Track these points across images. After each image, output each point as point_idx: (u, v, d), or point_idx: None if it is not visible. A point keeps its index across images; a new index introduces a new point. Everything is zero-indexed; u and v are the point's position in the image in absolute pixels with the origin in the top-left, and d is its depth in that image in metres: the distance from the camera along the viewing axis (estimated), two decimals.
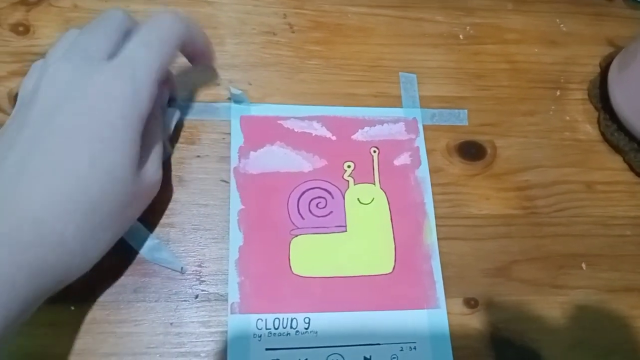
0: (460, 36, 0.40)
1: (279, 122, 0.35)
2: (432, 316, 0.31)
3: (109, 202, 0.25)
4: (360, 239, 0.33)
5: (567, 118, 0.39)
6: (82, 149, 0.24)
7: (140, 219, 0.30)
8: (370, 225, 0.33)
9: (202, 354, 0.29)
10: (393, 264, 0.32)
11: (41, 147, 0.24)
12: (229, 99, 0.35)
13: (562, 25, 0.42)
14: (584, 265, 0.34)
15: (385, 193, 0.34)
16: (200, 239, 0.31)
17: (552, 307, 0.32)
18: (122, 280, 0.30)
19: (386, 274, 0.32)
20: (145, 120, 0.26)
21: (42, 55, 0.29)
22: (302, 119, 0.35)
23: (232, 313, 0.30)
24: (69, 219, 0.24)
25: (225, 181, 0.33)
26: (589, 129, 0.39)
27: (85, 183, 0.24)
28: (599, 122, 0.39)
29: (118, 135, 0.25)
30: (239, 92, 0.34)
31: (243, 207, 0.32)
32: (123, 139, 0.25)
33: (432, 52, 0.39)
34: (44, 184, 0.23)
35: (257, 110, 0.35)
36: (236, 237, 0.32)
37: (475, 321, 0.32)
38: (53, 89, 0.25)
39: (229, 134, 0.34)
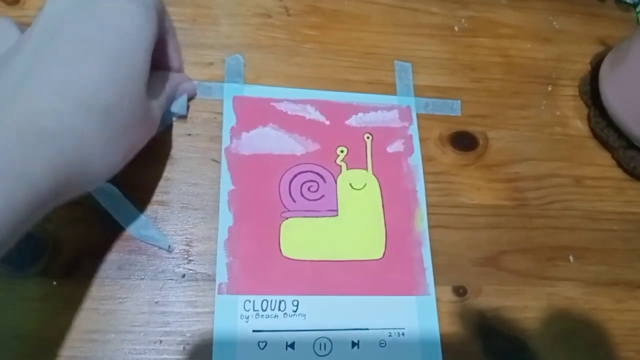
0: (455, 28, 0.40)
1: (272, 104, 0.35)
2: (421, 303, 0.31)
3: (123, 112, 0.24)
4: (351, 224, 0.32)
5: (558, 113, 0.39)
6: (96, 57, 0.23)
7: (127, 196, 0.30)
8: (362, 211, 0.33)
9: (187, 334, 0.28)
10: (383, 249, 0.32)
11: (51, 54, 0.23)
12: (224, 81, 0.34)
13: (554, 23, 0.42)
14: (571, 258, 0.34)
15: (377, 179, 0.34)
16: (189, 217, 0.31)
17: (540, 298, 0.33)
18: (107, 256, 0.29)
19: (376, 260, 0.32)
20: (153, 44, 0.26)
21: None
22: (296, 102, 0.35)
23: (219, 293, 0.29)
24: (88, 116, 0.23)
25: (216, 160, 0.32)
26: (579, 125, 0.39)
27: (100, 89, 0.23)
28: (589, 119, 0.39)
29: (133, 48, 0.24)
30: (236, 57, 0.34)
31: (234, 187, 0.32)
32: (137, 53, 0.25)
33: (427, 43, 0.39)
34: (55, 87, 0.22)
35: (251, 91, 0.35)
36: (226, 217, 0.31)
37: (463, 309, 0.31)
38: (60, 2, 0.24)
39: (221, 113, 0.34)
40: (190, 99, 0.33)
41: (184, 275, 0.29)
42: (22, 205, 0.20)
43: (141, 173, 0.31)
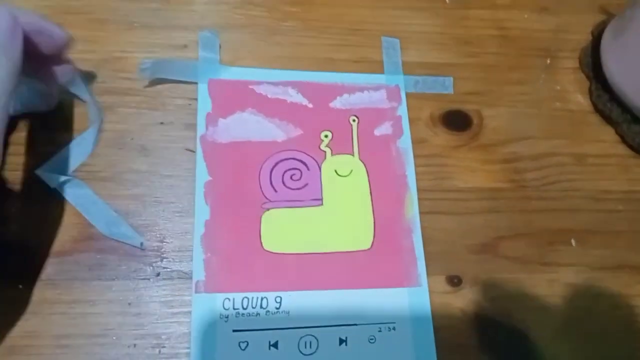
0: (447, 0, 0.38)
1: (250, 87, 0.32)
2: (413, 295, 0.29)
3: None
4: (337, 213, 0.30)
5: (558, 88, 0.37)
6: None
7: (96, 191, 0.28)
8: (348, 199, 0.31)
9: (163, 336, 0.27)
10: (372, 239, 0.30)
11: None
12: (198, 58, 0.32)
13: None
14: (573, 242, 0.32)
15: (364, 164, 0.32)
16: (163, 212, 0.29)
17: (540, 285, 0.31)
18: (76, 256, 0.27)
19: (364, 250, 0.30)
20: None
21: None
22: (276, 84, 0.33)
23: (196, 292, 0.27)
24: None
25: (191, 150, 0.30)
26: (580, 100, 0.36)
27: None
28: (590, 92, 0.36)
29: None
30: (209, 34, 0.32)
31: (210, 178, 0.30)
32: None
33: (417, 16, 0.37)
34: None
35: (227, 74, 0.32)
36: (202, 211, 0.29)
37: (458, 300, 0.30)
38: None
39: (196, 99, 0.32)
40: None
41: (158, 274, 0.28)
42: None
43: (110, 166, 0.29)
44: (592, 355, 0.30)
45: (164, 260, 0.28)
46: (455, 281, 0.30)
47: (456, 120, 0.34)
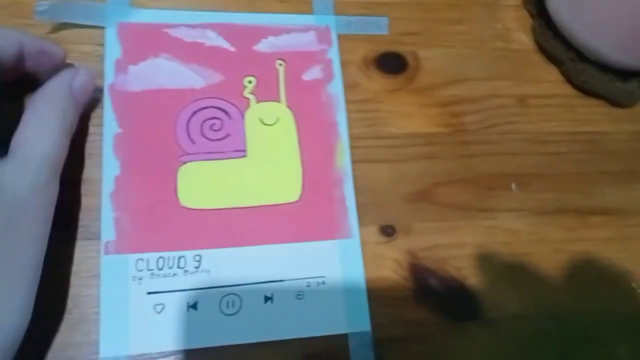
0: None
1: (164, 30, 0.30)
2: (344, 247, 0.27)
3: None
4: (263, 165, 0.28)
5: (499, 26, 0.35)
6: None
7: None
8: (275, 149, 0.29)
9: (70, 303, 0.24)
10: (300, 191, 0.28)
11: None
12: None
13: None
14: (513, 186, 0.31)
15: (292, 112, 0.30)
16: (67, 168, 0.26)
17: (478, 232, 0.29)
18: None
19: (292, 203, 0.28)
20: None
21: None
22: (194, 26, 0.30)
23: (105, 254, 0.25)
24: None
25: (98, 99, 0.28)
26: (523, 38, 0.35)
27: None
28: (533, 30, 0.35)
29: None
30: None
31: (120, 130, 0.27)
32: None
33: None
34: None
35: (139, 16, 0.30)
36: (111, 166, 0.27)
37: (392, 251, 0.28)
38: None
39: (103, 45, 0.29)
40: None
41: (64, 236, 0.25)
42: None
43: (11, 118, 0.26)
44: (532, 302, 0.29)
45: (71, 220, 0.26)
46: (389, 231, 0.28)
47: (391, 63, 0.32)
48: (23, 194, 0.21)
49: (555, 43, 0.34)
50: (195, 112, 0.28)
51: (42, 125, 0.23)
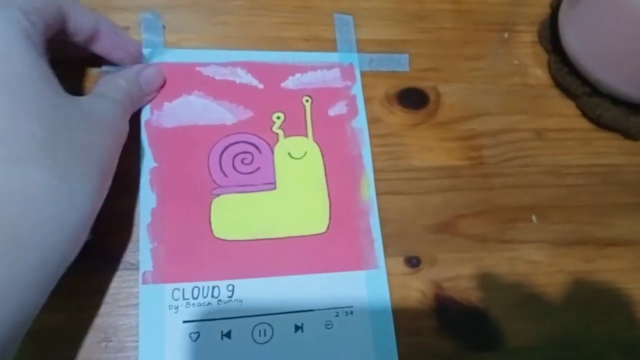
0: None
1: (197, 69, 0.31)
2: (371, 277, 0.28)
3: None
4: (291, 197, 0.29)
5: (516, 62, 0.36)
6: None
7: None
8: (302, 182, 0.30)
9: (110, 330, 0.25)
10: (327, 222, 0.29)
11: None
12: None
13: None
14: (534, 218, 0.32)
15: (318, 146, 0.31)
16: (106, 201, 0.28)
17: (500, 263, 0.30)
18: None
19: (320, 234, 0.29)
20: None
21: None
22: (224, 65, 0.31)
23: (143, 283, 0.26)
24: None
25: (136, 136, 0.29)
26: (539, 73, 0.36)
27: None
28: (549, 66, 0.36)
29: None
30: (151, 15, 0.30)
31: (156, 164, 0.29)
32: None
33: None
34: None
35: (172, 56, 0.31)
36: (148, 198, 0.28)
37: (417, 281, 0.29)
38: None
39: None
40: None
41: (104, 266, 0.26)
42: None
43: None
44: (553, 333, 0.29)
45: (110, 251, 0.27)
46: (413, 262, 0.29)
47: (412, 98, 0.33)
48: (101, 115, 0.24)
49: (570, 78, 0.35)
50: (227, 147, 0.30)
51: (112, 84, 0.26)
